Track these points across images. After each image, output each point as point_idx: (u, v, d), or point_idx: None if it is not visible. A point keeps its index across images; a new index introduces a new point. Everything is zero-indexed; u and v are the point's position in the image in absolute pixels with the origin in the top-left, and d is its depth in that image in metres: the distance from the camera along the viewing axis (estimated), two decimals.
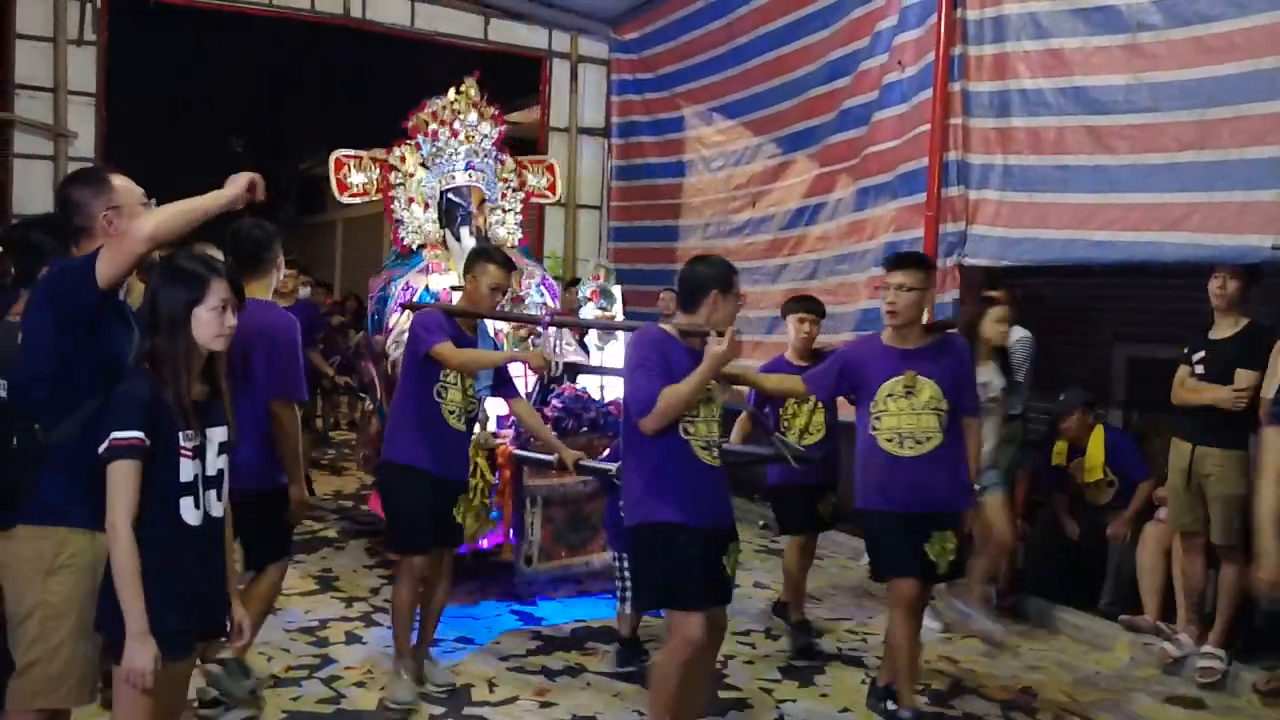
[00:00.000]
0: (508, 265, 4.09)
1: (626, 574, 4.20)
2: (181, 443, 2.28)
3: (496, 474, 4.85)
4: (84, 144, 7.28)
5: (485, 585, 5.25)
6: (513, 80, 11.20)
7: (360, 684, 4.00)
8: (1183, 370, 4.47)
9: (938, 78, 5.53)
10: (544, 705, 3.90)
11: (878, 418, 3.61)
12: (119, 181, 2.62)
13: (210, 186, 2.56)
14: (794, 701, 4.04)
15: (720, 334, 3.07)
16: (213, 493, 2.36)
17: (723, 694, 4.06)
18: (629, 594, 4.21)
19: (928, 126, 5.64)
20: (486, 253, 4.15)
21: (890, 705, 3.75)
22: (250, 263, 3.52)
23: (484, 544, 5.00)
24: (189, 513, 2.31)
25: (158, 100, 15.48)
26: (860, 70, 6.44)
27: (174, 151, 16.63)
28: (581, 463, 4.13)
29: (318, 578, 5.42)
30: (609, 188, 9.36)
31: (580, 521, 5.09)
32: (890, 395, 3.60)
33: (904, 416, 3.58)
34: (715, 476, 3.22)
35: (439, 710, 3.80)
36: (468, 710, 3.82)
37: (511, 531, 4.96)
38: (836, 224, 6.63)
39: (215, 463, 2.38)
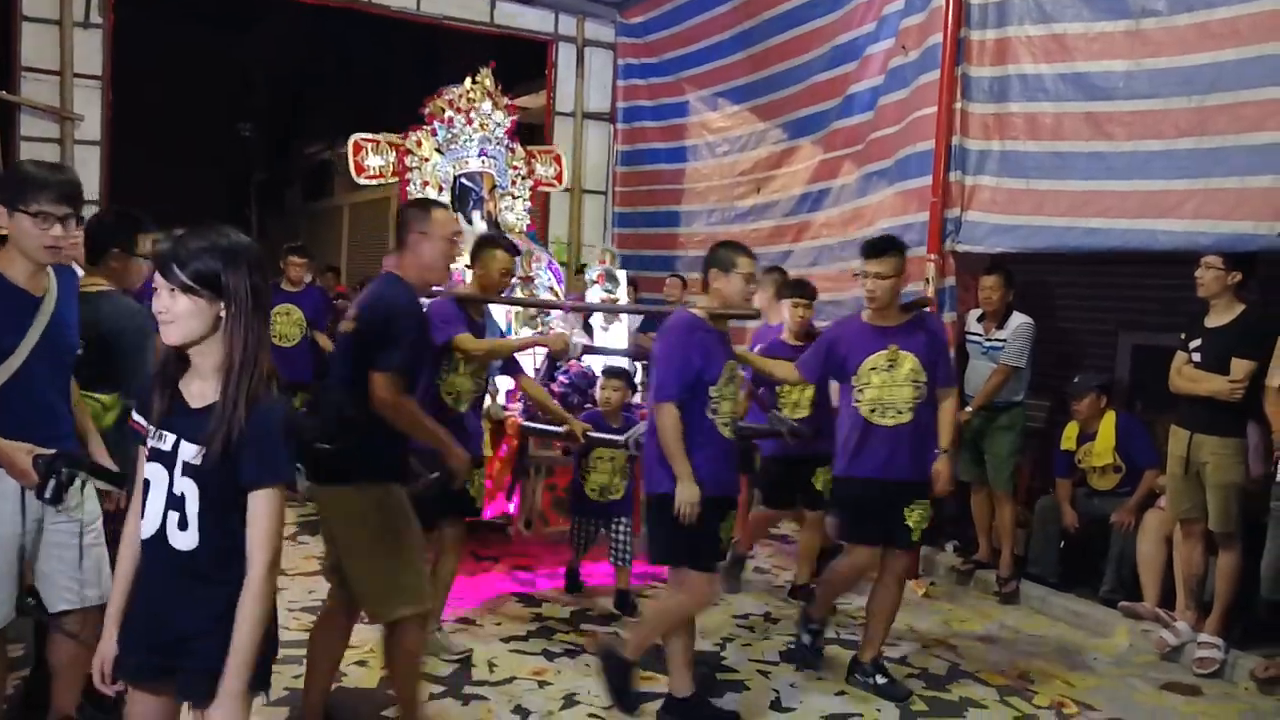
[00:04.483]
0: (513, 250, 4.35)
1: (582, 536, 4.97)
2: None
3: (503, 446, 5.01)
4: (90, 127, 7.30)
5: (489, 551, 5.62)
6: (518, 64, 11.18)
7: (361, 662, 4.04)
8: (1180, 358, 4.47)
9: (945, 61, 5.51)
10: (541, 685, 3.94)
11: (860, 390, 3.92)
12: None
13: (216, 170, 2.63)
14: (792, 686, 4.07)
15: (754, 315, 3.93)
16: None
17: (720, 676, 4.10)
18: (578, 549, 5.00)
19: (927, 110, 5.63)
20: (492, 239, 4.36)
21: (879, 679, 4.01)
22: None
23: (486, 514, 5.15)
24: None
25: (165, 85, 15.50)
26: (867, 55, 6.42)
27: (181, 135, 16.71)
28: (590, 434, 4.53)
29: (320, 558, 5.45)
30: (614, 173, 9.35)
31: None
32: (873, 369, 3.91)
33: (885, 388, 3.88)
34: (732, 450, 3.62)
35: (439, 689, 3.84)
36: (468, 689, 3.86)
37: (512, 502, 5.12)
38: (840, 210, 6.62)
39: None
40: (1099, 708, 3.98)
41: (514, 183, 6.53)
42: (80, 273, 4.05)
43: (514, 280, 4.56)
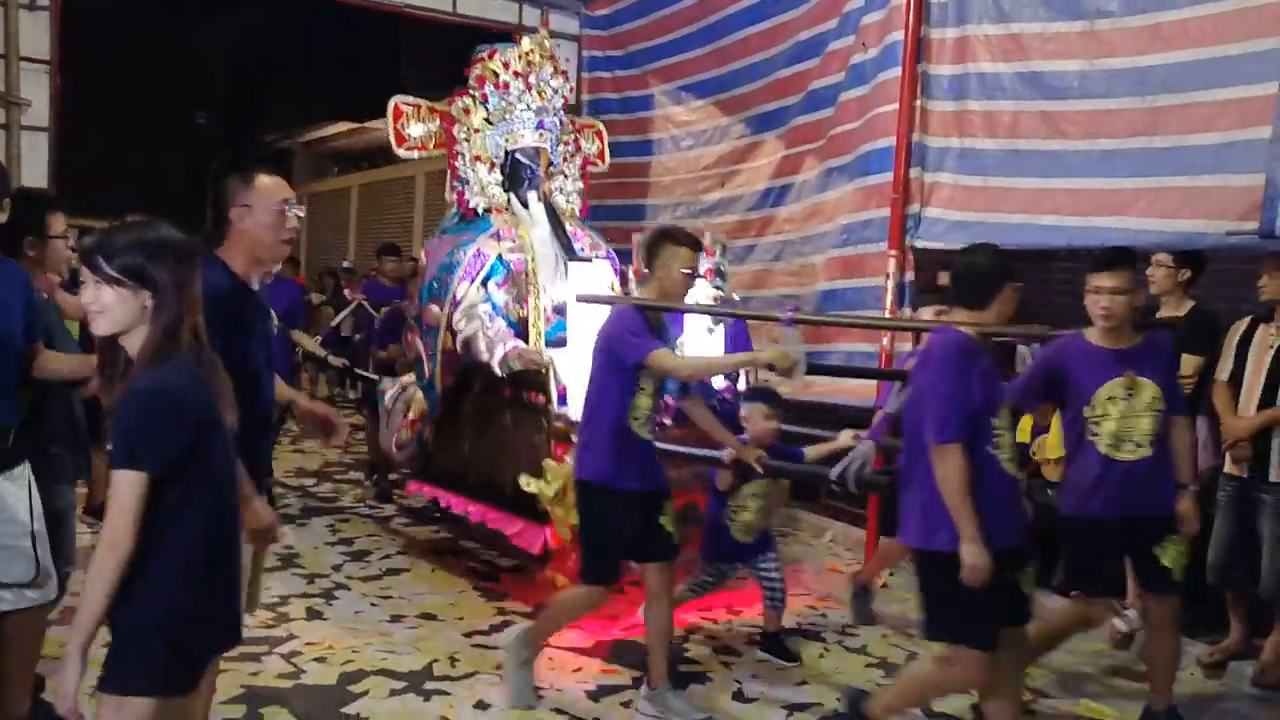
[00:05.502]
0: (697, 245, 3.70)
1: (712, 580, 4.36)
2: None
3: None
4: (38, 113, 7.13)
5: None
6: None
7: (320, 659, 4.03)
8: None
9: (906, 58, 5.57)
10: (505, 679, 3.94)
11: (1096, 422, 3.50)
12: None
13: (173, 157, 2.56)
14: (754, 676, 4.11)
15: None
16: None
17: (683, 668, 4.12)
18: (779, 597, 4.32)
19: (889, 107, 5.69)
20: (671, 233, 3.68)
21: None
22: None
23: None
24: None
25: (119, 70, 15.18)
26: (829, 51, 6.46)
27: (136, 122, 16.39)
28: (773, 463, 3.92)
29: (279, 555, 5.42)
30: None
31: (689, 515, 4.79)
32: (1110, 398, 3.48)
33: (1124, 420, 3.47)
34: (1019, 489, 3.15)
35: (400, 685, 3.83)
36: (429, 685, 3.85)
37: None
38: (802, 206, 6.67)
39: None
40: (1052, 694, 4.07)
41: (565, 160, 5.75)
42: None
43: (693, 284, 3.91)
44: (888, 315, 5.63)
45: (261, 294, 2.97)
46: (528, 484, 4.49)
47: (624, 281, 5.54)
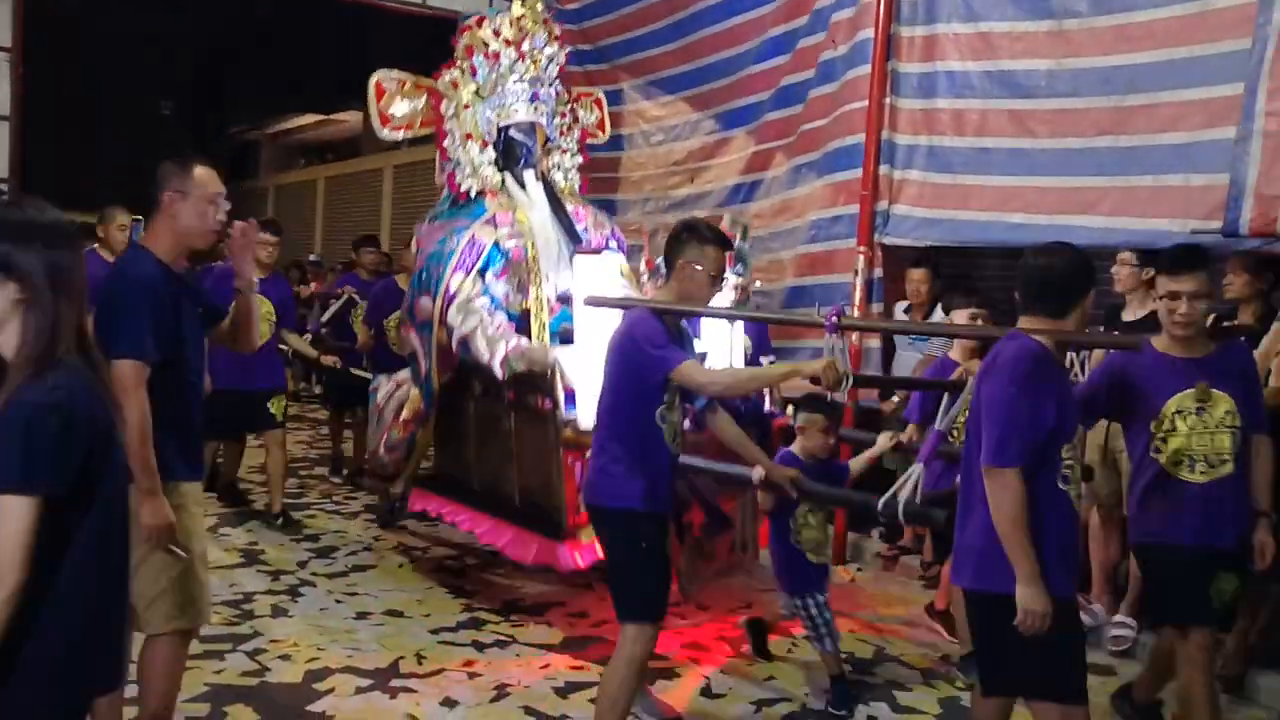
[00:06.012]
0: (725, 244, 3.31)
1: (815, 616, 3.86)
2: None
3: None
4: None
5: None
6: (451, 48, 11.06)
7: (285, 656, 3.98)
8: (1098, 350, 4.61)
9: (876, 56, 5.59)
10: (472, 676, 3.91)
11: (1163, 438, 3.15)
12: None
13: (138, 148, 2.49)
14: (722, 673, 4.11)
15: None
16: None
17: (651, 663, 4.09)
18: (824, 635, 3.86)
19: (858, 104, 5.72)
20: (697, 229, 3.27)
21: None
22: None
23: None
24: None
25: (85, 60, 14.94)
26: (799, 47, 6.47)
27: (101, 112, 16.14)
28: (808, 486, 3.52)
29: (243, 551, 5.36)
30: None
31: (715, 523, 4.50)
32: (1179, 412, 3.13)
33: (1195, 436, 3.13)
34: (1080, 533, 2.83)
35: (366, 683, 3.79)
36: (395, 682, 3.82)
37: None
38: (771, 202, 6.69)
39: None
40: None
41: (561, 133, 5.36)
42: None
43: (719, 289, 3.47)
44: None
45: (190, 280, 2.97)
46: None
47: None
